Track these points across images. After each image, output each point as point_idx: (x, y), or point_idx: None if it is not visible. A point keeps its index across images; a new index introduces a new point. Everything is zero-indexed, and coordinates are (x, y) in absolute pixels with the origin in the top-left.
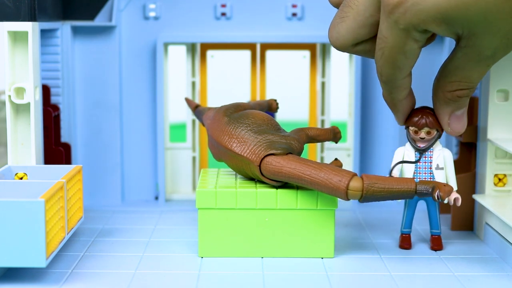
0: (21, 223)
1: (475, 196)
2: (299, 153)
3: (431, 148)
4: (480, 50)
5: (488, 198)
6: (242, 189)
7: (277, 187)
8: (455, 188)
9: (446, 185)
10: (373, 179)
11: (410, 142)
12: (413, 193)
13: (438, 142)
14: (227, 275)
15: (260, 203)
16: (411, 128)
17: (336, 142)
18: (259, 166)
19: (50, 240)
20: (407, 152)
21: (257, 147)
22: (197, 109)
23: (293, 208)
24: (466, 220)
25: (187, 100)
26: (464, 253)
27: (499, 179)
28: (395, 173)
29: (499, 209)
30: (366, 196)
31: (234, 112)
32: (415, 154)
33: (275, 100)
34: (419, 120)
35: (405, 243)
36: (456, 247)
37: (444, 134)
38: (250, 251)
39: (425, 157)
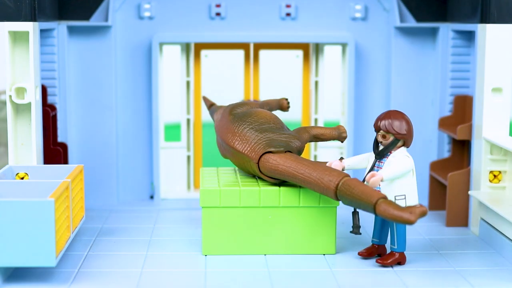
0: (31, 223)
1: (471, 192)
2: (299, 151)
3: (388, 154)
4: None
5: (484, 194)
6: (246, 188)
7: (279, 185)
8: (381, 176)
9: (420, 206)
10: (354, 185)
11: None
12: (372, 209)
13: (400, 150)
14: (235, 272)
15: (263, 201)
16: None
17: (342, 141)
18: (257, 163)
19: (58, 240)
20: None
21: (257, 145)
22: (211, 108)
23: (295, 206)
24: (461, 216)
25: (204, 98)
26: (462, 248)
27: (494, 176)
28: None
29: (496, 204)
30: (340, 197)
31: (240, 110)
32: (375, 158)
33: (286, 99)
34: (376, 121)
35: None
36: (453, 243)
37: (436, 129)
38: (253, 249)
39: (380, 162)
